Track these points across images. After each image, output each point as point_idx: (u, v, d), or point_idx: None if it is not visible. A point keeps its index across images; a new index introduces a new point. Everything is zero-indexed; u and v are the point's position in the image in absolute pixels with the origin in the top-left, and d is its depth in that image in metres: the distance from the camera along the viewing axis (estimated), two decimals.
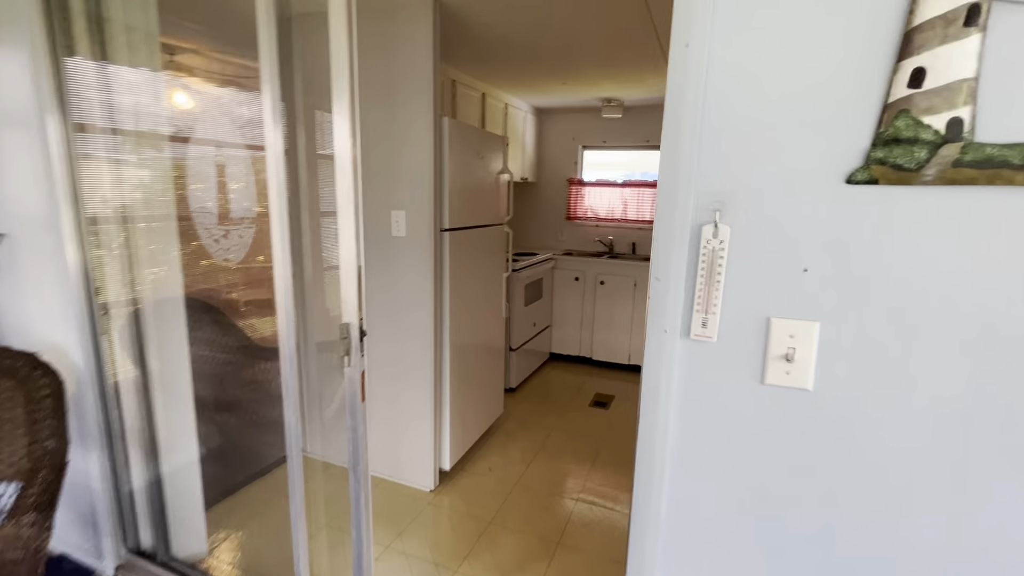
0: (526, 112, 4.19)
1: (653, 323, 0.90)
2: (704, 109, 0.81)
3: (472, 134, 2.43)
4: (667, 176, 0.85)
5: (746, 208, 0.81)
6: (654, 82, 3.28)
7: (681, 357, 0.89)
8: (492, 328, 2.86)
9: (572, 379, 3.93)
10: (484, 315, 2.74)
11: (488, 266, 2.74)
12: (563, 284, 4.17)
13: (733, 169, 0.81)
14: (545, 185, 4.70)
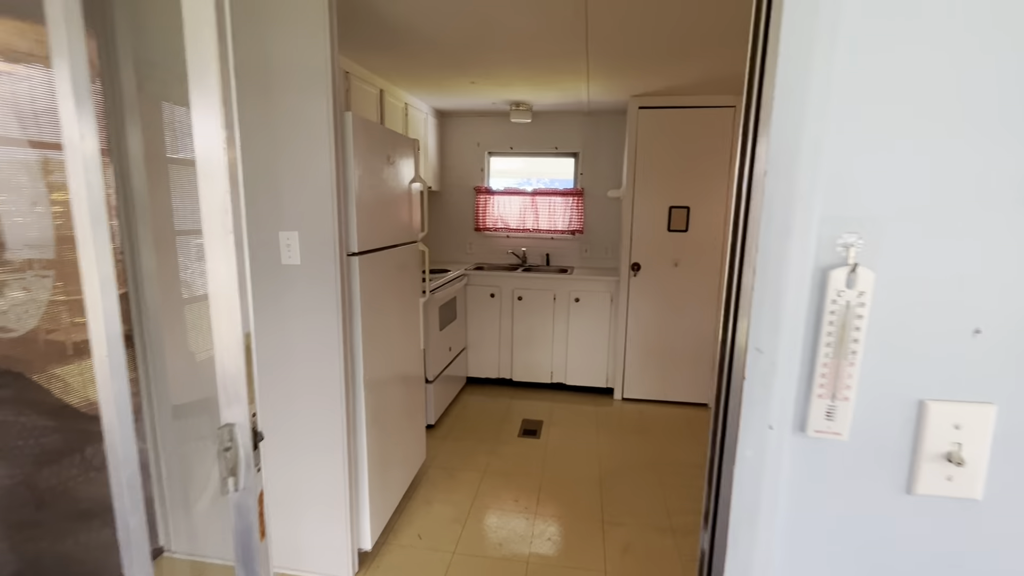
0: (427, 114, 3.79)
1: (750, 415, 0.60)
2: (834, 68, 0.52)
3: (381, 135, 1.99)
4: (776, 187, 0.55)
5: (898, 241, 0.54)
6: (570, 85, 3.09)
7: (792, 462, 0.60)
8: (410, 364, 2.43)
9: (494, 406, 3.60)
10: (401, 351, 2.30)
11: (403, 293, 2.31)
12: (478, 302, 3.82)
13: (882, 181, 0.53)
14: (450, 194, 4.33)
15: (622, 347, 3.66)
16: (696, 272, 3.50)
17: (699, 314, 3.55)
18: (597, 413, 3.51)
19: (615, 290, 3.66)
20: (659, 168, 3.43)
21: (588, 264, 4.22)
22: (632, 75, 2.84)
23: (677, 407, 3.64)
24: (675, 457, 2.90)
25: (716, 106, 3.30)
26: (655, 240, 3.51)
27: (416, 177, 2.39)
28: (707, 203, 3.42)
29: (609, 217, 4.13)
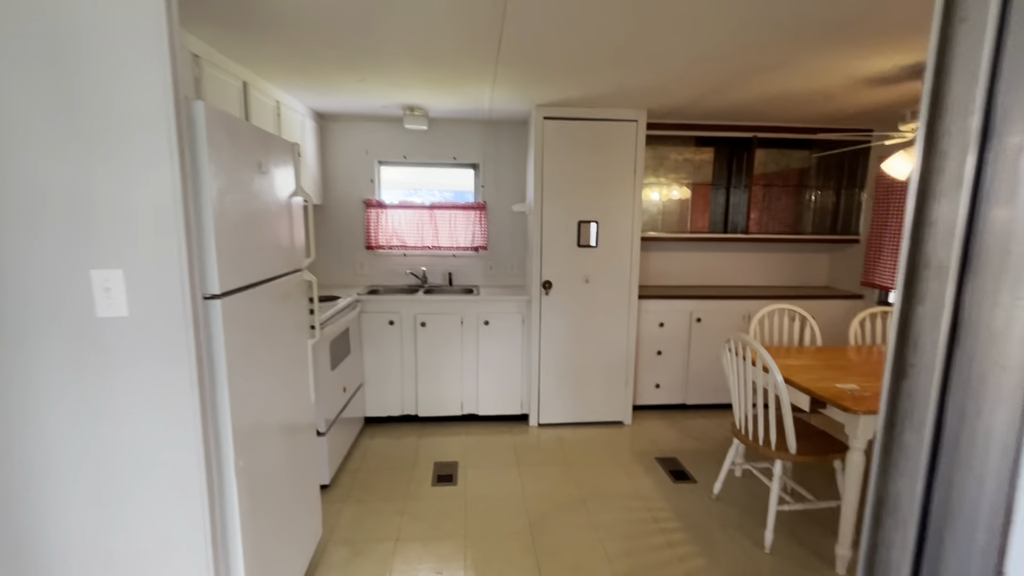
0: (304, 116, 3.25)
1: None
2: None
3: (249, 135, 1.52)
4: None
5: None
6: (473, 89, 2.80)
7: None
8: (297, 419, 1.93)
9: (400, 449, 3.15)
10: (285, 408, 1.81)
11: (286, 337, 1.82)
12: (375, 331, 3.35)
13: None
14: (335, 208, 3.79)
15: (536, 370, 3.44)
16: (607, 288, 3.41)
17: (611, 330, 3.46)
18: (515, 444, 3.23)
19: (527, 310, 3.43)
20: (566, 182, 3.28)
21: (494, 282, 3.95)
22: (541, 83, 2.64)
23: (593, 428, 3.51)
24: (602, 488, 2.72)
25: (620, 120, 3.25)
26: (565, 256, 3.36)
27: (298, 190, 1.92)
28: (615, 218, 3.35)
29: (514, 232, 3.92)
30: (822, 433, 2.37)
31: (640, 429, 3.49)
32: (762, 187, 3.92)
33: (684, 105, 3.16)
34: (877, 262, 3.64)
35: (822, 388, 2.13)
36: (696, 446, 3.23)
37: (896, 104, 2.98)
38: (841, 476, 2.22)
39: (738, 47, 2.06)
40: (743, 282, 4.20)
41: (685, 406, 3.86)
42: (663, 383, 3.74)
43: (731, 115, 3.46)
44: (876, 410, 1.92)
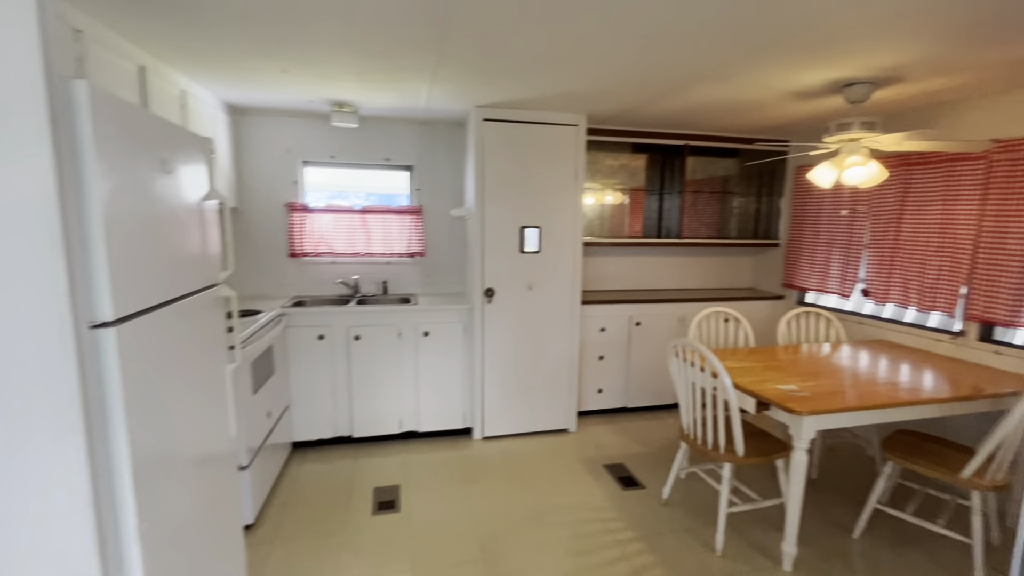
0: (216, 108, 2.90)
1: None
2: None
3: (151, 127, 1.26)
4: None
5: None
6: (409, 86, 2.62)
7: None
8: (215, 456, 1.66)
9: (335, 475, 2.88)
10: (200, 447, 1.54)
11: (199, 363, 1.55)
12: (302, 347, 3.05)
13: None
14: (253, 212, 3.43)
15: (480, 381, 3.31)
16: (550, 294, 3.35)
17: (555, 337, 3.40)
18: (460, 460, 3.07)
19: (468, 319, 3.29)
20: (508, 186, 3.18)
21: (433, 290, 3.77)
22: (484, 82, 2.52)
23: (539, 437, 3.43)
24: (552, 501, 2.64)
25: (561, 124, 3.20)
26: (508, 262, 3.25)
27: (212, 192, 1.66)
28: (557, 223, 3.30)
29: (452, 238, 3.76)
30: (764, 433, 2.44)
31: (585, 436, 3.46)
32: (692, 193, 4.06)
33: (623, 111, 3.18)
34: (796, 265, 3.88)
35: (766, 390, 2.18)
36: (641, 450, 3.25)
37: (817, 117, 3.17)
38: (783, 475, 2.29)
39: (682, 57, 2.06)
40: (676, 285, 4.32)
41: (627, 409, 3.90)
42: (605, 388, 3.74)
43: (665, 123, 3.54)
44: (819, 410, 1.99)
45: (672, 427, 3.61)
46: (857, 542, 2.34)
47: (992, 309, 2.61)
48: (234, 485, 1.85)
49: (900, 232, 3.08)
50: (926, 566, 2.17)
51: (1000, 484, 2.02)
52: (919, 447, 2.29)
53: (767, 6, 1.60)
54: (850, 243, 3.41)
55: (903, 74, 2.24)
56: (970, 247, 2.70)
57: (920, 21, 1.70)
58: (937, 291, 2.87)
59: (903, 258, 3.06)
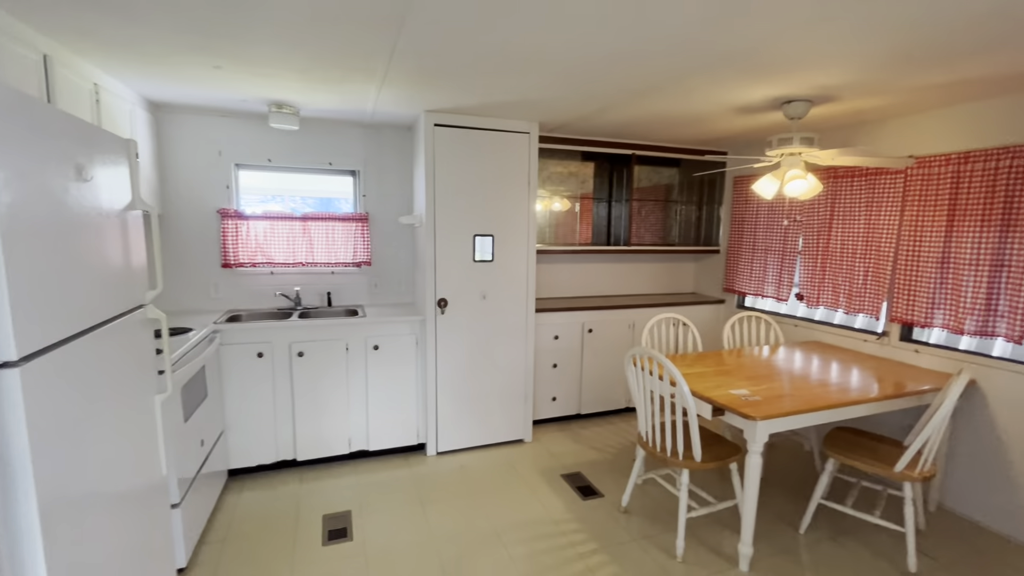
0: (134, 105, 2.62)
1: None
2: None
3: (62, 126, 1.08)
4: None
5: None
6: (357, 88, 2.49)
7: None
8: (144, 499, 1.47)
9: (277, 503, 2.67)
10: (126, 491, 1.35)
11: (123, 397, 1.37)
12: (240, 366, 2.81)
13: None
14: (180, 219, 3.13)
15: (433, 395, 3.19)
16: (505, 303, 3.30)
17: (510, 347, 3.35)
18: (415, 479, 2.95)
19: (420, 331, 3.17)
20: (460, 193, 3.10)
21: (381, 301, 3.61)
22: (436, 87, 2.43)
23: (495, 449, 3.36)
24: (513, 517, 2.59)
25: (513, 131, 3.17)
26: (461, 272, 3.17)
27: (136, 201, 1.47)
28: (511, 231, 3.26)
29: (400, 246, 3.62)
30: (718, 438, 2.51)
31: (541, 445, 3.43)
32: (638, 201, 4.15)
33: (573, 120, 3.19)
34: (736, 270, 4.06)
35: (720, 396, 2.24)
36: (596, 457, 3.26)
37: (757, 131, 3.33)
38: (737, 477, 2.37)
39: (636, 72, 2.08)
40: (625, 291, 4.41)
41: (580, 416, 3.91)
42: (559, 395, 3.74)
43: (613, 132, 3.60)
44: (772, 414, 2.06)
45: (625, 431, 3.66)
46: (803, 537, 2.45)
47: (911, 311, 2.83)
48: (165, 526, 1.65)
49: (830, 240, 3.29)
50: (865, 555, 2.31)
51: (928, 475, 2.18)
52: (856, 443, 2.44)
53: (721, 29, 1.64)
54: (785, 250, 3.62)
55: (837, 94, 2.39)
56: (891, 254, 2.93)
57: (853, 50, 1.81)
58: (863, 295, 3.09)
59: (832, 264, 3.27)
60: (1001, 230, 2.44)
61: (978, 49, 1.82)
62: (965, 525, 2.57)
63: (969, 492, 2.62)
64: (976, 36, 1.70)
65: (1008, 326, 2.42)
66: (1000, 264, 2.46)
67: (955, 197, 2.62)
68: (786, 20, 1.59)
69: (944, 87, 2.28)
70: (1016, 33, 1.67)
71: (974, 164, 2.53)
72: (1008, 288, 2.42)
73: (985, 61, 1.94)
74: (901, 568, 2.23)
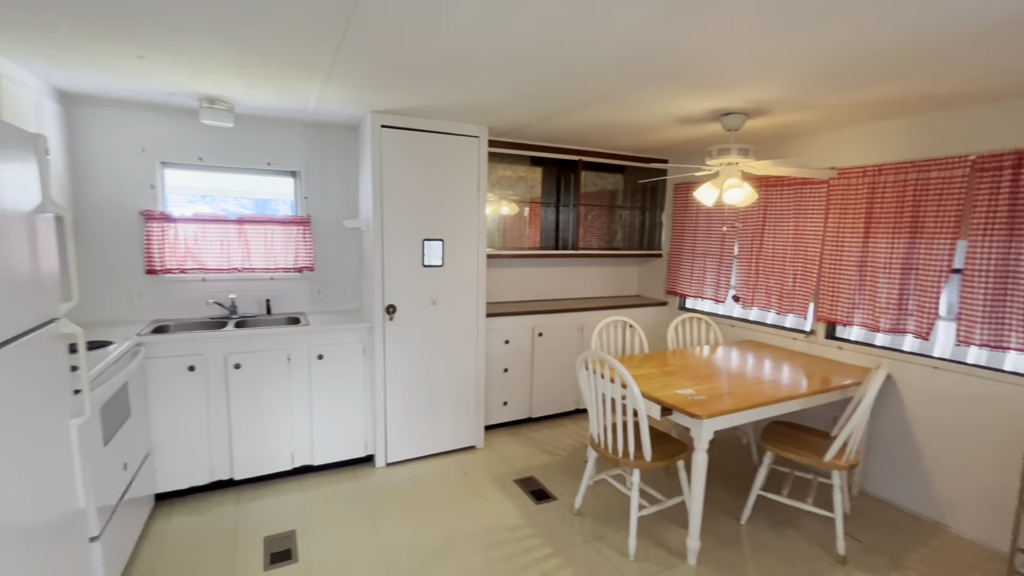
0: (40, 95, 2.36)
1: None
2: None
3: None
4: None
5: None
6: (298, 85, 2.37)
7: None
8: (57, 535, 1.31)
9: (212, 527, 2.49)
10: (35, 529, 1.20)
11: (31, 423, 1.22)
12: (168, 381, 2.60)
13: None
14: (94, 221, 2.86)
15: (382, 404, 3.10)
16: (455, 308, 3.26)
17: (461, 352, 3.31)
18: (364, 492, 2.84)
19: (368, 338, 3.06)
20: (409, 197, 3.03)
21: (325, 307, 3.46)
22: (383, 87, 2.36)
23: (446, 457, 3.31)
24: (466, 526, 2.55)
25: (463, 135, 3.14)
26: (410, 277, 3.10)
27: (47, 203, 1.32)
28: (461, 235, 3.22)
29: (345, 250, 3.49)
30: (665, 436, 2.60)
31: (493, 451, 3.41)
32: (585, 206, 4.24)
33: (521, 126, 3.20)
34: (677, 273, 4.23)
35: (668, 396, 2.32)
36: (548, 460, 3.29)
37: (696, 140, 3.49)
38: (684, 474, 2.45)
39: (587, 84, 2.12)
40: (573, 294, 4.48)
41: (531, 419, 3.93)
42: (510, 400, 3.74)
43: (561, 138, 3.65)
44: (716, 412, 2.15)
45: (576, 433, 3.71)
46: (745, 527, 2.58)
47: (834, 311, 3.06)
48: (83, 562, 1.49)
49: (763, 245, 3.50)
50: (801, 541, 2.46)
51: (853, 463, 2.36)
52: (790, 436, 2.60)
53: (670, 47, 1.70)
54: (722, 254, 3.81)
55: (769, 108, 2.54)
56: (817, 258, 3.15)
57: (785, 68, 1.93)
58: (793, 296, 3.30)
59: (765, 268, 3.48)
60: (910, 236, 2.68)
61: (890, 74, 2.00)
62: (884, 507, 2.80)
63: (886, 477, 2.86)
64: (886, 64, 1.86)
65: (916, 324, 2.67)
66: (909, 267, 2.70)
67: (871, 206, 2.85)
68: (733, 33, 1.67)
69: (861, 105, 2.48)
70: (917, 64, 1.84)
71: (886, 176, 2.77)
72: (915, 289, 2.67)
73: (894, 85, 2.13)
74: (831, 552, 2.40)
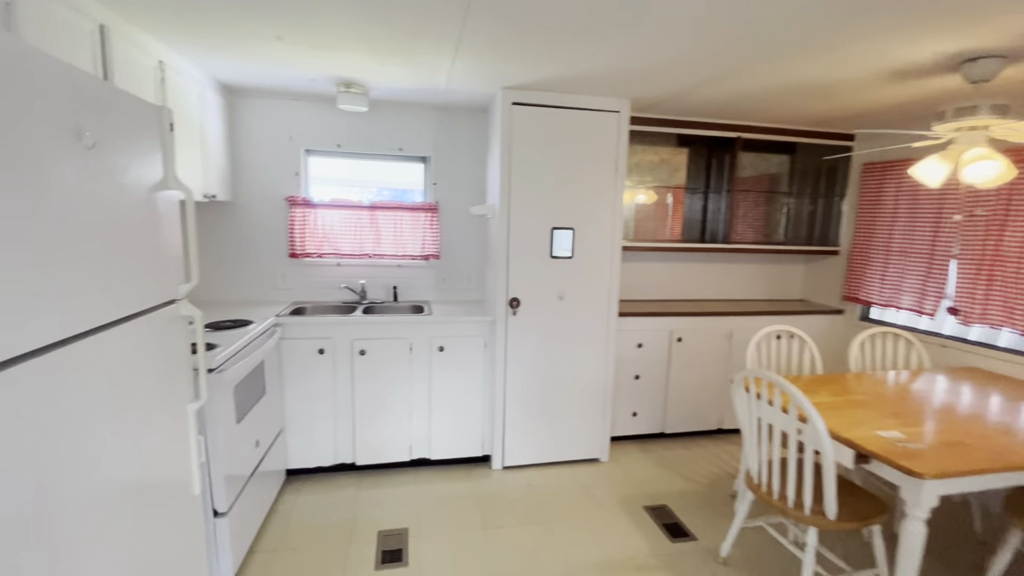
0: (204, 87, 2.52)
1: None
2: None
3: (44, 72, 0.86)
4: None
5: None
6: (428, 59, 2.22)
7: None
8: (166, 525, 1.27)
9: (333, 511, 2.49)
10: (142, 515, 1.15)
11: (141, 406, 1.16)
12: (300, 362, 2.67)
13: None
14: (248, 207, 3.05)
15: (501, 403, 2.90)
16: (583, 305, 2.93)
17: (588, 354, 2.98)
18: (477, 496, 2.67)
19: (489, 332, 2.88)
20: (538, 181, 2.76)
21: (448, 297, 3.37)
22: (514, 56, 2.10)
23: (566, 468, 3.01)
24: (588, 556, 2.22)
25: (600, 109, 2.77)
26: (536, 269, 2.84)
27: (169, 179, 1.26)
28: (593, 224, 2.87)
29: (470, 238, 3.35)
30: (853, 487, 2.00)
31: (620, 467, 3.03)
32: (741, 192, 3.60)
33: (669, 97, 2.74)
34: (862, 276, 3.41)
35: (865, 439, 1.74)
36: (685, 487, 2.82)
37: (911, 103, 2.68)
38: (880, 541, 1.85)
39: (766, 20, 1.63)
40: (720, 295, 3.87)
41: (663, 435, 3.46)
42: (641, 411, 3.31)
43: (715, 112, 3.09)
44: (948, 472, 1.54)
45: (719, 458, 3.17)
46: None
47: None
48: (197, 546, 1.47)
49: (1001, 242, 2.60)
50: None
51: None
52: None
53: None
54: (934, 253, 2.94)
55: None
56: None
57: None
58: None
59: (1004, 272, 2.58)
60: None
61: None
62: None
63: None
64: None
65: None
66: None
67: None
68: None
69: None
70: None
71: None
72: None
73: None
74: None
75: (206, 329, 2.25)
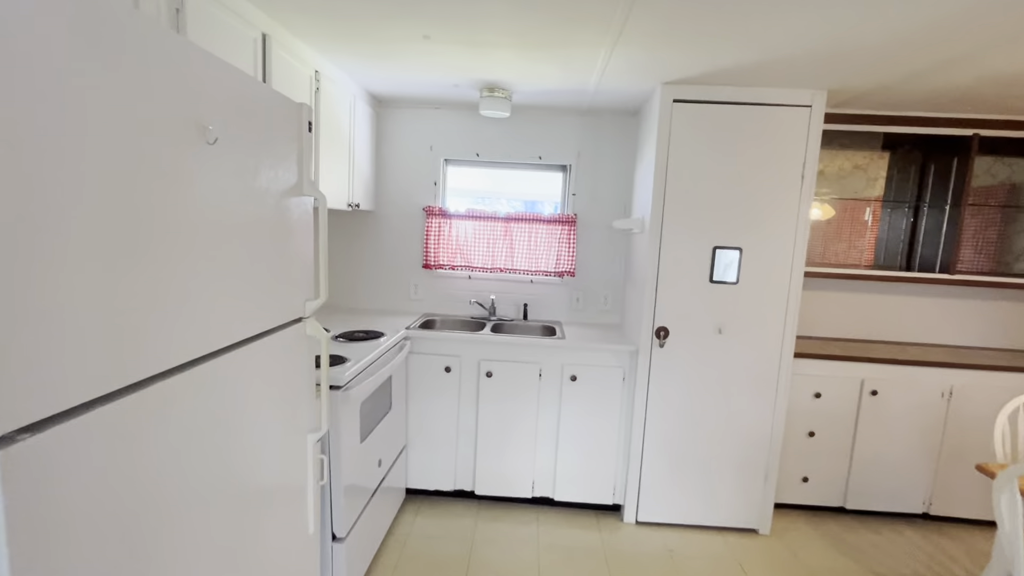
0: (356, 97, 2.54)
1: None
2: None
3: (169, 55, 0.73)
4: None
5: None
6: (582, 52, 1.95)
7: None
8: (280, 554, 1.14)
9: (450, 544, 2.31)
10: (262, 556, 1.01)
11: (257, 433, 1.03)
12: (426, 378, 2.55)
13: None
14: (388, 216, 3.06)
15: (639, 448, 2.50)
16: (748, 341, 2.42)
17: (750, 401, 2.45)
18: (607, 554, 2.30)
19: (630, 365, 2.51)
20: (697, 191, 2.34)
21: (581, 319, 3.06)
22: (684, 41, 1.74)
23: (715, 535, 2.50)
24: None
25: (784, 104, 2.27)
26: (691, 294, 2.40)
27: (303, 184, 1.14)
28: (767, 244, 2.36)
29: (609, 255, 3.01)
30: None
31: (783, 544, 2.44)
32: (972, 207, 2.77)
33: (885, 86, 2.14)
34: None
35: None
36: None
37: None
38: None
39: None
40: (928, 338, 3.03)
41: (843, 510, 2.75)
42: (814, 476, 2.66)
43: (945, 105, 2.39)
44: None
45: (925, 553, 2.41)
46: None
47: None
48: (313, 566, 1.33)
49: None
50: None
51: None
52: None
53: None
54: None
55: None
56: None
57: None
58: None
59: None
60: None
61: None
62: None
63: None
64: None
65: None
66: None
67: None
68: None
69: None
70: None
71: None
72: None
73: None
74: None
75: (338, 340, 2.22)
